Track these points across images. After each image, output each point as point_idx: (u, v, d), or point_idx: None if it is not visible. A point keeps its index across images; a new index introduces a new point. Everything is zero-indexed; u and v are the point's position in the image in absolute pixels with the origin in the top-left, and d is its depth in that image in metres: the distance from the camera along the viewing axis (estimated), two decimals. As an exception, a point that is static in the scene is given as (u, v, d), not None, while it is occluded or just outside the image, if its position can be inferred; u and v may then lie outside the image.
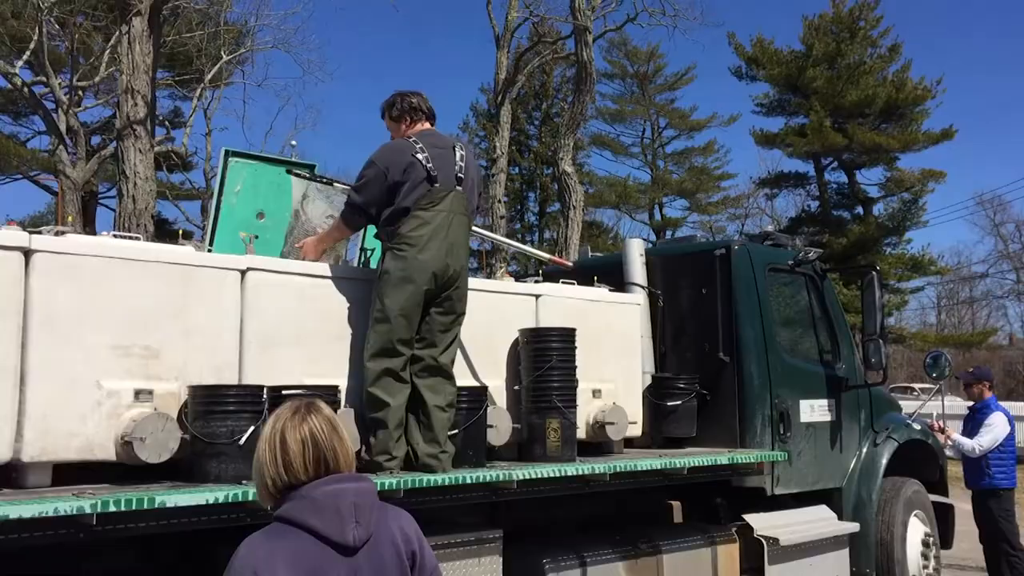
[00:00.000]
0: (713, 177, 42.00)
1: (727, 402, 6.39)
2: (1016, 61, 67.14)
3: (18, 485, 3.72)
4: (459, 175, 4.71)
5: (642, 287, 6.66)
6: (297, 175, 5.35)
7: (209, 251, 4.53)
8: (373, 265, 4.91)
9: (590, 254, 7.83)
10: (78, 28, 21.25)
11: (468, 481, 4.47)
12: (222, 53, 24.39)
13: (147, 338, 3.98)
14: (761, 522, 6.12)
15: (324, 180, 5.42)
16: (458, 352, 4.91)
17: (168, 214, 30.06)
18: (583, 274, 6.30)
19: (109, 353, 3.87)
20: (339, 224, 4.88)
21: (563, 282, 5.88)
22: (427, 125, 4.88)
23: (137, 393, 3.91)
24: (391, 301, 4.47)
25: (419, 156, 4.59)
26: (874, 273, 7.08)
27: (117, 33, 12.51)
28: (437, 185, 4.60)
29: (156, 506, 3.42)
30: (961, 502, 8.06)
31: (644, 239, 9.55)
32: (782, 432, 6.37)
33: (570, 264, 5.91)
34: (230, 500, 3.62)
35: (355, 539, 2.15)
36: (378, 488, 2.31)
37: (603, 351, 5.81)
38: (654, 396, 6.24)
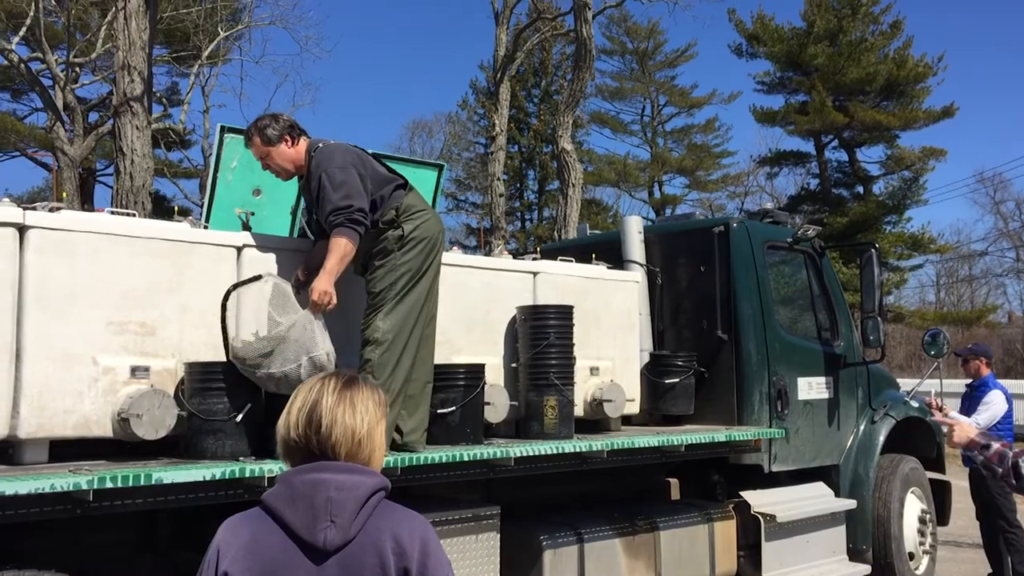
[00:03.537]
0: (713, 155, 41.85)
1: (725, 379, 6.39)
2: (1018, 38, 66.78)
3: (15, 462, 3.74)
4: None
5: (640, 264, 6.65)
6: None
7: (205, 227, 4.51)
8: None
9: (588, 232, 7.81)
10: (75, 3, 21.05)
11: (466, 458, 4.47)
12: (219, 29, 24.22)
13: (143, 315, 3.98)
14: (758, 499, 6.15)
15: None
16: (456, 329, 4.89)
17: (167, 191, 29.98)
18: (581, 251, 6.28)
19: (105, 330, 3.87)
20: (344, 244, 4.10)
21: (561, 259, 5.87)
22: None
23: (133, 370, 3.92)
24: (431, 265, 4.40)
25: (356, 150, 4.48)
26: (873, 251, 7.06)
27: (113, 9, 12.39)
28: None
29: (153, 482, 3.42)
30: (958, 479, 8.08)
31: (643, 217, 9.51)
32: (779, 409, 6.38)
33: None
34: (227, 477, 3.62)
35: (325, 541, 1.85)
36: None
37: (601, 329, 5.81)
38: (652, 374, 6.24)
